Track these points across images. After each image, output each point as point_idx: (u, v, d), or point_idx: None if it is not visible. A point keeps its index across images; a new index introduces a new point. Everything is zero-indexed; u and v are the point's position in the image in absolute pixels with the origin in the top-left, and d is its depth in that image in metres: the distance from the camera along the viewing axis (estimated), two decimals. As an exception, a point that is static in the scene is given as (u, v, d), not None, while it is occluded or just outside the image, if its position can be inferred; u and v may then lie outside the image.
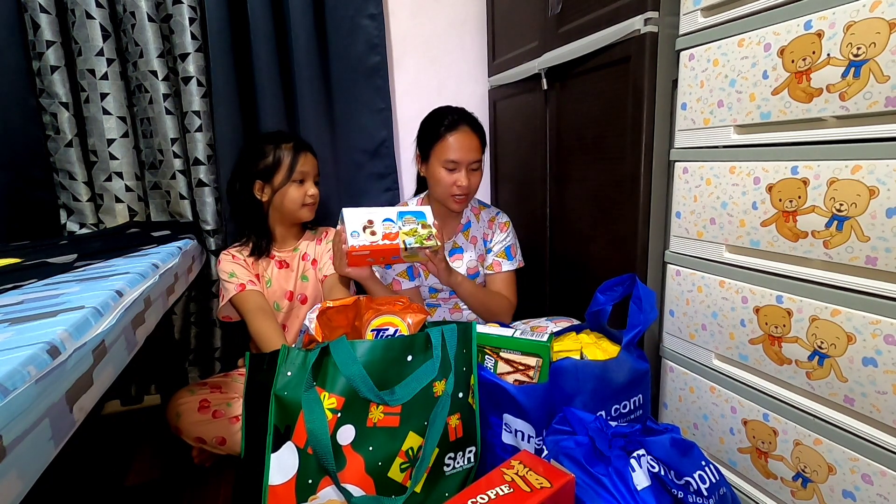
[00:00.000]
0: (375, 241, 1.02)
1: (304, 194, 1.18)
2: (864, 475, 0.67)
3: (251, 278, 1.17)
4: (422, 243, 1.04)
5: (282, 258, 1.25)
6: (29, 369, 0.41)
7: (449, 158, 1.15)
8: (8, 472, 0.37)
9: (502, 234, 1.29)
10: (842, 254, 0.67)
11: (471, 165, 1.16)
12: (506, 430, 0.87)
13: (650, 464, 0.71)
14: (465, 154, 1.14)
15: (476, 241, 1.29)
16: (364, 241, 1.01)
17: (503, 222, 1.30)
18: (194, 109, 1.31)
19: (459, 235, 1.29)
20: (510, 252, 1.28)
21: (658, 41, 0.90)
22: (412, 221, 1.06)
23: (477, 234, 1.29)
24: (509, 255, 1.28)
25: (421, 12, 1.56)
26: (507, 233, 1.29)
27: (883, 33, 0.60)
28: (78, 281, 0.71)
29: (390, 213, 1.05)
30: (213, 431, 1.09)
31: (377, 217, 1.04)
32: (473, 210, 1.32)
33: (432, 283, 1.28)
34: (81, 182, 1.30)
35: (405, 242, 1.03)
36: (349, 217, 1.02)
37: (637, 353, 0.89)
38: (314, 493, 0.76)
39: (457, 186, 1.15)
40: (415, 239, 1.04)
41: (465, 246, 1.29)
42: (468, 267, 1.28)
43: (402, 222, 1.05)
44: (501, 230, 1.29)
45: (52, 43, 1.22)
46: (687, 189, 0.90)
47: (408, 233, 1.04)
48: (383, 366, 0.81)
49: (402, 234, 1.04)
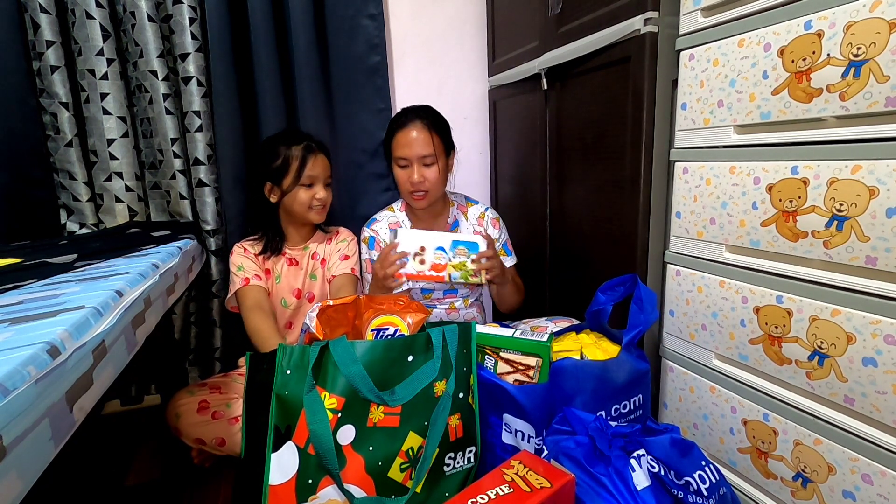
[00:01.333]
0: (423, 270, 1.04)
1: (311, 197, 1.19)
2: (864, 475, 0.67)
3: (258, 272, 1.20)
4: (467, 279, 1.05)
5: (292, 256, 1.27)
6: (29, 369, 0.41)
7: (398, 155, 1.17)
8: (8, 472, 0.37)
9: (496, 230, 1.28)
10: (842, 254, 0.67)
11: (423, 160, 1.15)
12: (506, 430, 0.87)
13: (650, 464, 0.71)
14: (412, 149, 1.14)
15: None
16: (411, 269, 1.04)
17: (493, 218, 1.29)
18: (194, 109, 1.30)
19: None
20: (507, 248, 1.27)
21: (658, 41, 0.90)
22: (463, 253, 1.06)
23: (467, 233, 1.28)
24: (507, 252, 1.27)
25: (421, 12, 1.56)
26: (499, 229, 1.28)
27: (883, 33, 0.60)
28: (78, 281, 0.71)
29: (444, 240, 1.05)
30: (212, 432, 1.10)
31: (430, 244, 1.05)
32: (461, 208, 1.31)
33: (424, 285, 1.28)
34: (81, 182, 1.30)
35: (451, 276, 1.04)
36: (403, 240, 1.03)
37: (637, 353, 0.89)
38: (314, 492, 0.76)
39: (410, 183, 1.16)
40: (460, 274, 1.05)
41: None
42: None
43: (453, 253, 1.06)
44: (494, 226, 1.28)
45: (52, 43, 1.22)
46: (687, 189, 0.90)
47: (456, 266, 1.05)
48: (384, 366, 0.81)
49: (449, 267, 1.05)
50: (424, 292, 1.29)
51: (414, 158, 1.15)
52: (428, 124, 1.17)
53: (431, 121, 1.18)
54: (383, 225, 1.29)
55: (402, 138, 1.16)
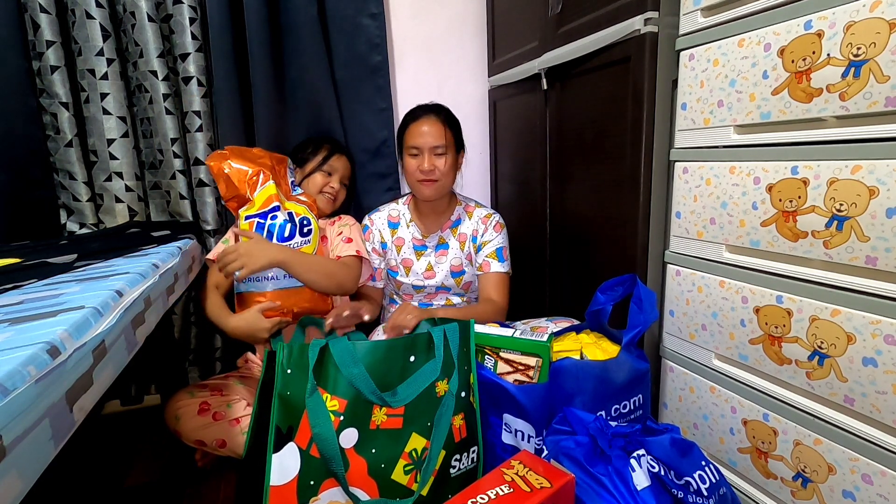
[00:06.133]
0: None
1: (326, 184, 1.28)
2: (864, 475, 0.67)
3: None
4: None
5: None
6: (29, 369, 0.41)
7: (411, 144, 1.20)
8: (8, 472, 0.37)
9: (496, 234, 1.27)
10: (842, 254, 0.67)
11: (434, 150, 1.19)
12: (506, 430, 0.87)
13: (650, 464, 0.71)
14: (425, 139, 1.18)
15: (465, 239, 1.28)
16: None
17: (497, 222, 1.29)
18: (194, 109, 1.30)
19: (447, 231, 1.29)
20: (501, 254, 1.26)
21: (658, 41, 0.90)
22: None
23: (466, 231, 1.28)
24: (500, 257, 1.26)
25: (421, 12, 1.56)
26: (500, 234, 1.28)
27: (883, 33, 0.60)
28: (78, 281, 0.71)
29: None
30: (213, 434, 1.09)
31: None
32: (467, 209, 1.31)
33: (413, 281, 1.29)
34: (81, 182, 1.30)
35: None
36: None
37: (637, 353, 0.89)
38: (316, 494, 0.76)
39: (420, 171, 1.19)
40: None
41: (452, 243, 1.28)
42: (452, 264, 1.28)
43: None
44: (496, 230, 1.28)
45: (52, 43, 1.21)
46: (687, 189, 0.90)
47: None
48: (385, 366, 0.81)
49: None
50: (416, 288, 1.29)
51: (425, 147, 1.18)
52: (442, 119, 1.21)
53: (445, 116, 1.23)
54: (382, 216, 1.33)
55: (416, 129, 1.20)
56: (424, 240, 1.30)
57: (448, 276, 1.27)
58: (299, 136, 1.42)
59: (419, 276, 1.29)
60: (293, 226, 1.13)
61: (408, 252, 1.30)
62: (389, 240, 1.31)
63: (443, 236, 1.29)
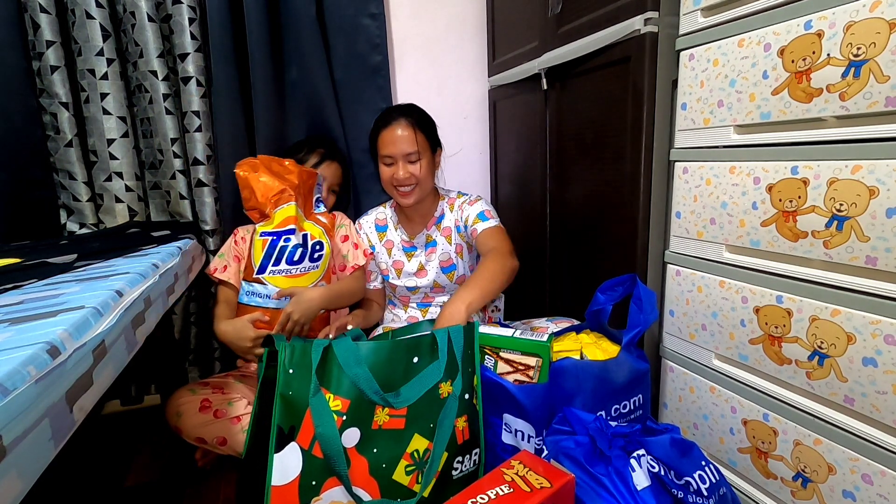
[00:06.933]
0: None
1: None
2: (864, 475, 0.67)
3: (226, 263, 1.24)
4: None
5: None
6: (29, 369, 0.41)
7: (383, 153, 1.18)
8: (8, 472, 0.37)
9: (473, 206, 1.23)
10: (842, 254, 0.67)
11: (408, 157, 1.16)
12: (506, 430, 0.87)
13: (650, 464, 0.71)
14: (396, 147, 1.16)
15: (450, 232, 1.27)
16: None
17: (474, 198, 1.26)
18: (194, 109, 1.30)
19: (433, 228, 1.29)
20: (484, 215, 1.20)
21: (658, 41, 0.90)
22: None
23: (449, 224, 1.27)
24: (483, 218, 1.20)
25: (421, 12, 1.56)
26: (477, 203, 1.24)
27: (883, 33, 0.60)
28: (78, 281, 0.71)
29: None
30: (214, 432, 1.09)
31: None
32: (449, 201, 1.29)
33: (405, 283, 1.29)
34: (81, 182, 1.30)
35: None
36: None
37: (637, 353, 0.89)
38: (317, 494, 0.76)
39: (394, 179, 1.17)
40: None
41: (439, 239, 1.28)
42: (440, 260, 1.27)
43: None
44: (471, 204, 1.24)
45: (52, 43, 1.21)
46: (687, 189, 0.90)
47: None
48: (389, 367, 0.81)
49: None
50: (410, 290, 1.29)
51: (399, 156, 1.16)
52: (412, 122, 1.17)
53: (416, 119, 1.18)
54: (370, 220, 1.33)
55: (387, 136, 1.17)
56: (412, 241, 1.30)
57: (439, 272, 1.27)
58: (299, 136, 1.42)
59: (411, 276, 1.29)
60: (304, 250, 1.13)
61: (398, 254, 1.30)
62: (378, 243, 1.31)
63: (430, 234, 1.29)
